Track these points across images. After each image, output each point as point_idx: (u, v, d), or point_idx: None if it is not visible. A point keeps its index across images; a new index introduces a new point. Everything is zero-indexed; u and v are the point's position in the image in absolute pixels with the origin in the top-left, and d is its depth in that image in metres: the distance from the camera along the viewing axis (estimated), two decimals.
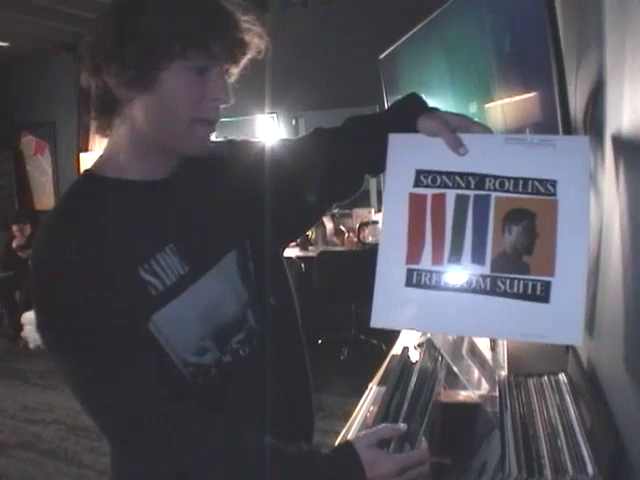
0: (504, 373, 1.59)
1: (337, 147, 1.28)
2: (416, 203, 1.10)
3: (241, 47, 1.05)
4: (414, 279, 1.08)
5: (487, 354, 1.76)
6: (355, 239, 5.10)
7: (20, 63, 7.39)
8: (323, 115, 5.09)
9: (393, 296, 1.10)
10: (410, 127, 1.14)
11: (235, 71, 1.08)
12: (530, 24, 1.21)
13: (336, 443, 1.20)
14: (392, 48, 2.49)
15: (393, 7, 4.56)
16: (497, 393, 1.28)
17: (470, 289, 1.04)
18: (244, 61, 1.07)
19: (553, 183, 1.02)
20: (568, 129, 1.15)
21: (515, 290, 1.01)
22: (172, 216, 1.12)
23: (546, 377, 1.28)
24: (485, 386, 1.53)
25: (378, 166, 1.20)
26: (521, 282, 1.01)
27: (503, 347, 1.75)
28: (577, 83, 1.27)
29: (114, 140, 1.10)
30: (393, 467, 1.01)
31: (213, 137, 1.11)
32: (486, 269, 1.03)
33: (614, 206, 1.08)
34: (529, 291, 1.00)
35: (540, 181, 1.03)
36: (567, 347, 1.42)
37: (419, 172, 1.11)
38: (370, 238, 5.01)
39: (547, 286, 0.99)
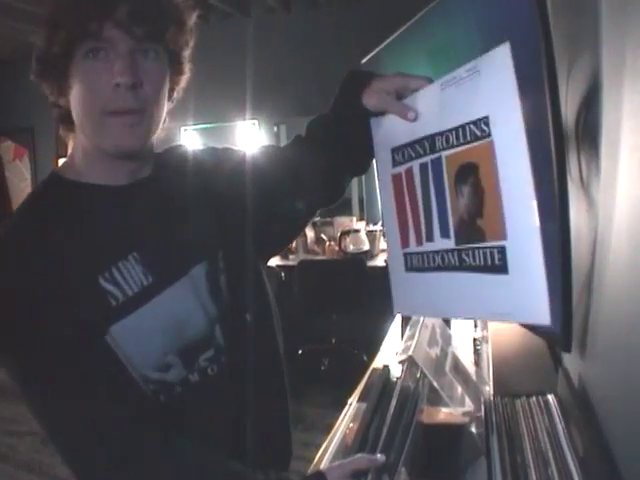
0: (489, 389, 1.53)
1: (311, 154, 1.22)
2: (397, 183, 1.05)
3: (137, 20, 0.94)
4: (409, 263, 1.04)
5: (471, 370, 1.70)
6: (336, 248, 5.04)
7: None
8: (305, 122, 5.02)
9: (401, 282, 1.07)
10: (359, 111, 1.10)
11: (153, 46, 0.98)
12: (520, 24, 1.15)
13: (316, 457, 1.21)
14: (374, 52, 2.43)
15: (375, 13, 4.53)
16: (482, 414, 1.21)
17: (445, 266, 0.96)
18: (157, 34, 0.97)
19: (486, 120, 0.89)
20: (559, 135, 1.08)
21: (477, 262, 0.91)
22: (137, 223, 1.07)
23: (534, 398, 1.21)
24: (469, 403, 1.47)
25: (354, 165, 1.19)
26: (480, 252, 0.91)
27: (488, 362, 1.69)
28: (569, 87, 1.21)
29: (75, 143, 1.08)
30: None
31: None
32: (451, 242, 0.95)
33: (609, 216, 1.02)
34: (489, 261, 0.90)
35: (474, 123, 0.90)
36: (556, 365, 1.36)
37: (393, 150, 1.06)
38: (351, 247, 4.94)
39: (503, 253, 0.88)
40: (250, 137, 5.26)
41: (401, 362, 1.49)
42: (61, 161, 4.21)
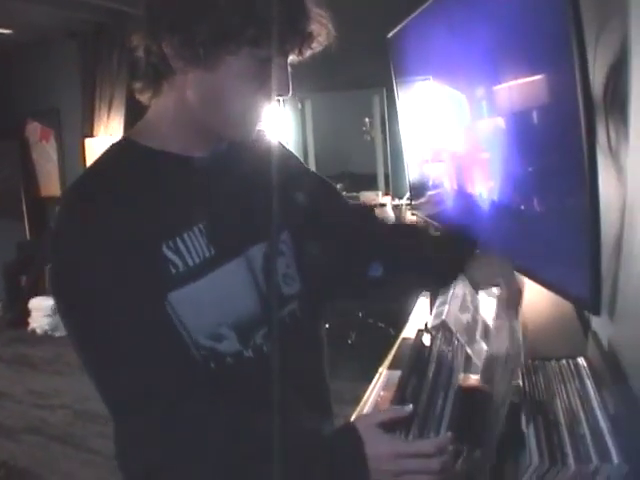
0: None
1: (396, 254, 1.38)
2: None
3: (309, 40, 1.04)
4: None
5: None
6: None
7: (23, 50, 7.32)
8: (329, 97, 5.04)
9: None
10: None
11: (295, 60, 1.07)
12: None
13: None
14: (400, 26, 2.43)
15: None
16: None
17: None
18: (306, 54, 1.07)
19: None
20: (590, 106, 1.10)
21: None
22: (206, 196, 1.10)
23: (564, 361, 1.24)
24: None
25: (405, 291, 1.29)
26: None
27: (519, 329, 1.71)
28: (596, 57, 1.23)
29: (157, 109, 1.10)
30: (387, 450, 0.95)
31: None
32: None
33: (638, 182, 1.04)
34: None
35: None
36: (585, 329, 1.39)
37: None
38: None
39: None
40: (275, 112, 5.24)
41: (434, 327, 1.52)
42: (88, 141, 4.24)
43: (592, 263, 1.09)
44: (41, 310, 6.03)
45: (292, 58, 1.05)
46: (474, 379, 1.45)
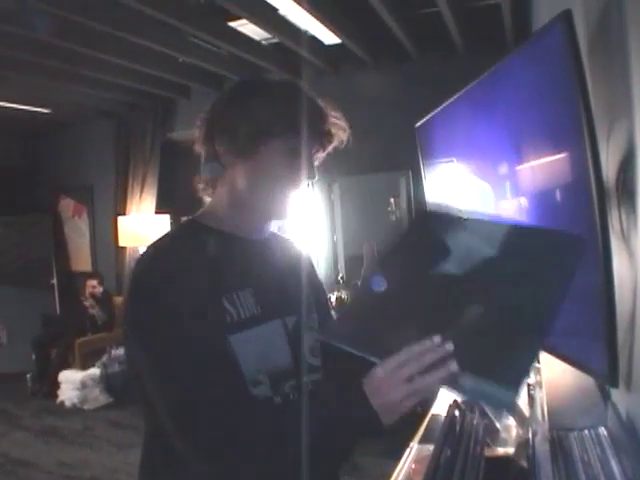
0: (544, 427, 1.61)
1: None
2: None
3: (327, 136, 1.31)
4: None
5: (525, 410, 1.79)
6: None
7: (59, 127, 7.67)
8: (357, 180, 5.21)
9: None
10: None
11: (321, 156, 1.35)
12: (561, 92, 1.29)
13: None
14: (427, 117, 2.59)
15: (425, 74, 4.69)
16: (535, 447, 1.31)
17: None
18: (329, 148, 1.34)
19: None
20: (602, 191, 1.21)
21: None
22: (254, 268, 1.33)
23: (586, 431, 1.31)
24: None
25: None
26: None
27: (542, 404, 1.78)
28: (609, 147, 1.34)
29: (216, 199, 1.36)
30: (381, 371, 1.02)
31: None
32: None
33: None
34: None
35: None
36: (605, 400, 1.45)
37: None
38: None
39: None
40: (305, 194, 5.38)
41: (464, 402, 1.59)
42: (120, 219, 4.43)
43: (609, 338, 1.17)
44: (70, 383, 6.08)
45: (319, 152, 1.33)
46: (500, 451, 1.53)
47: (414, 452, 1.80)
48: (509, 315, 0.98)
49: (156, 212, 6.75)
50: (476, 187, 2.03)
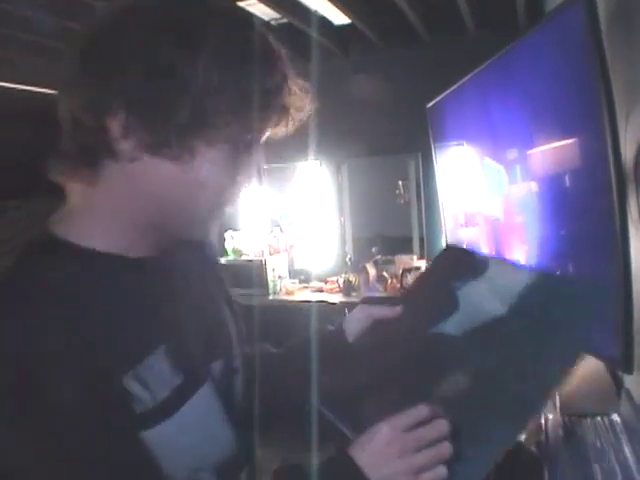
0: (556, 412, 1.61)
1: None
2: None
3: (286, 116, 0.85)
4: None
5: None
6: (398, 285, 5.11)
7: None
8: (366, 162, 5.17)
9: None
10: None
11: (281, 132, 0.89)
12: (579, 72, 1.27)
13: None
14: (439, 98, 2.55)
15: (436, 55, 4.64)
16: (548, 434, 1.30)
17: None
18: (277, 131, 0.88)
19: None
20: (621, 177, 1.18)
21: None
22: (162, 307, 0.86)
23: (599, 418, 1.30)
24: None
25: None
26: None
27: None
28: (627, 131, 1.31)
29: (91, 200, 0.82)
30: (385, 433, 0.82)
31: None
32: None
33: None
34: None
35: None
36: (618, 387, 1.44)
37: None
38: None
39: None
40: (314, 176, 5.41)
41: None
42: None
43: (625, 324, 1.16)
44: None
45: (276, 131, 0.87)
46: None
47: None
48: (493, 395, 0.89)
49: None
50: (490, 170, 2.00)
